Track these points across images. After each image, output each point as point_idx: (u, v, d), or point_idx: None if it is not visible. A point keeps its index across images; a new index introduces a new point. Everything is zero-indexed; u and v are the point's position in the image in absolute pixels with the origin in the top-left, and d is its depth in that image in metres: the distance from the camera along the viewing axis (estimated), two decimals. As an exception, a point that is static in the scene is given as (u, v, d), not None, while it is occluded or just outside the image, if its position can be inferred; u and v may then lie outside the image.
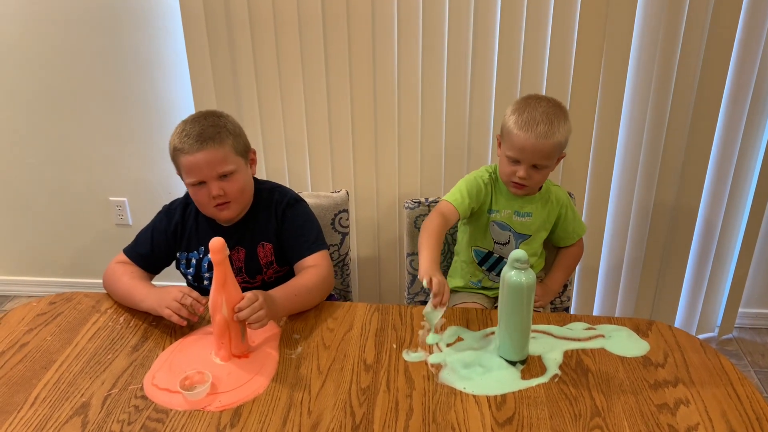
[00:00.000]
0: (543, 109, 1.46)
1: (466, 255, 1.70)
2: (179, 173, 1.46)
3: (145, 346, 1.30)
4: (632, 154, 2.11)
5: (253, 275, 1.54)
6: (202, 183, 1.42)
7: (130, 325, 1.38)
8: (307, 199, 1.63)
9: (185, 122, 1.43)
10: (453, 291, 1.76)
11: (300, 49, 2.05)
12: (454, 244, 1.78)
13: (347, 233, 1.77)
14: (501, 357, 1.23)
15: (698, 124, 2.03)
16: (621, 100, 2.02)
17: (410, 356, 1.25)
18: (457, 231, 1.74)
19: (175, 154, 1.43)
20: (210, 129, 1.40)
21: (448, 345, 1.28)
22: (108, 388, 1.18)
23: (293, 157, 2.22)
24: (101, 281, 1.51)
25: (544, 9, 1.93)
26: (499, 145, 1.55)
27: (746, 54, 1.95)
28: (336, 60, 2.06)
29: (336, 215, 1.73)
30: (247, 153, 1.49)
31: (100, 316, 1.40)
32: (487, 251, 1.66)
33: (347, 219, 1.76)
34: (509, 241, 1.62)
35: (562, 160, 1.57)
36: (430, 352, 1.26)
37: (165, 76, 2.29)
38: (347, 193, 1.77)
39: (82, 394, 1.16)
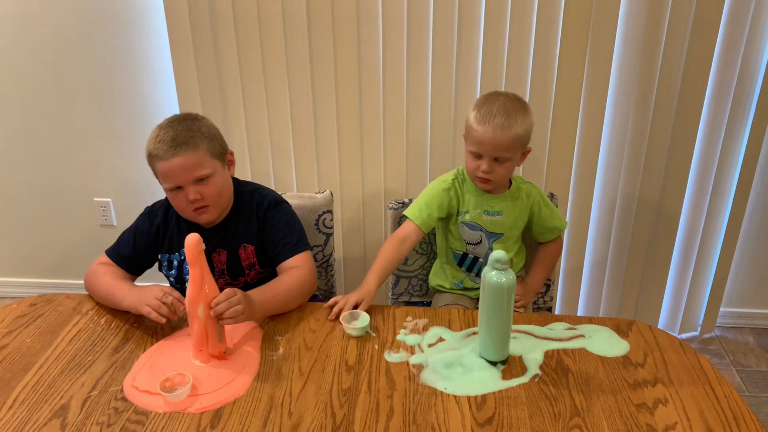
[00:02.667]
0: (501, 103, 1.48)
1: (445, 257, 1.71)
2: (157, 178, 1.45)
3: (126, 348, 1.30)
4: (615, 157, 2.13)
5: (236, 277, 1.54)
6: (179, 188, 1.41)
7: (111, 326, 1.37)
8: (290, 200, 1.63)
9: (160, 127, 1.42)
10: (438, 291, 1.76)
11: (285, 51, 2.05)
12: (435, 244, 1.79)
13: (331, 234, 1.77)
14: (482, 357, 1.23)
15: (680, 126, 2.05)
16: (605, 101, 2.04)
17: (392, 357, 1.25)
18: (436, 231, 1.75)
19: (151, 160, 1.42)
20: (184, 133, 1.39)
21: (429, 345, 1.28)
22: (88, 390, 1.17)
23: (278, 159, 2.22)
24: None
25: (528, 10, 1.94)
26: (466, 141, 1.57)
27: (728, 57, 1.97)
28: (321, 62, 2.06)
29: (320, 216, 1.73)
30: (224, 155, 1.48)
31: (81, 318, 1.40)
32: (462, 252, 1.67)
33: (331, 220, 1.76)
34: (481, 240, 1.63)
35: (528, 155, 1.58)
36: (412, 353, 1.26)
37: (150, 77, 2.28)
38: (331, 194, 1.76)
39: (62, 397, 1.15)
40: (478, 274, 1.67)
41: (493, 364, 1.22)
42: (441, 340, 1.30)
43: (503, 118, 1.46)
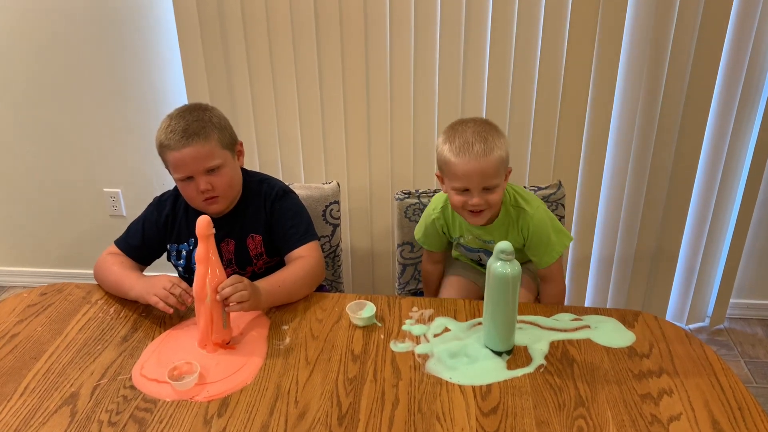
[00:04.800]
0: (472, 129, 1.38)
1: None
2: (167, 168, 1.46)
3: (135, 337, 1.31)
4: (624, 147, 2.12)
5: (243, 266, 1.55)
6: (189, 178, 1.42)
7: (120, 315, 1.38)
8: (297, 191, 1.63)
9: (170, 117, 1.43)
10: (454, 259, 1.78)
11: (293, 42, 2.05)
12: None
13: (338, 224, 1.77)
14: (487, 347, 1.24)
15: (689, 115, 2.04)
16: (613, 92, 2.03)
17: (397, 347, 1.26)
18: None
19: (162, 150, 1.42)
20: (195, 124, 1.40)
21: (435, 335, 1.29)
22: (97, 378, 1.19)
23: (286, 150, 2.23)
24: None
25: (535, 6, 1.93)
26: (441, 181, 1.47)
27: (737, 45, 1.95)
28: (328, 52, 2.06)
29: (327, 206, 1.73)
30: (233, 145, 1.49)
31: (90, 307, 1.41)
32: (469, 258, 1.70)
33: (338, 210, 1.76)
34: (480, 258, 1.65)
35: (509, 174, 1.48)
36: (417, 343, 1.27)
37: (159, 68, 2.29)
38: (338, 184, 1.77)
39: (72, 384, 1.17)
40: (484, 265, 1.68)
41: (498, 354, 1.22)
42: (446, 330, 1.31)
43: (481, 144, 1.36)
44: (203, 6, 2.03)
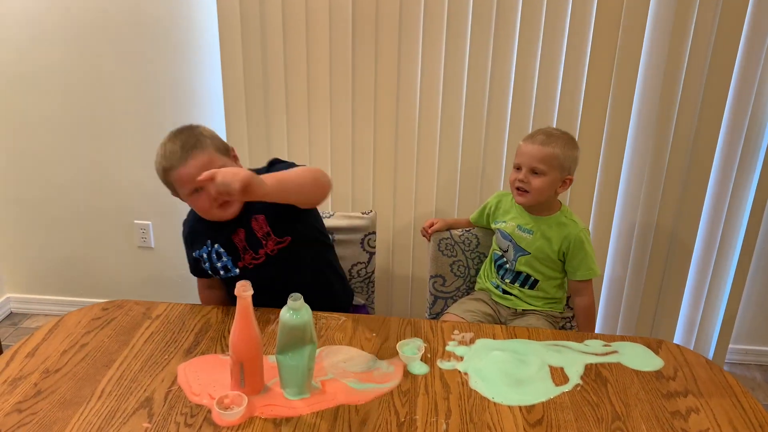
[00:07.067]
0: (548, 129, 1.73)
1: (490, 256, 1.89)
2: (175, 192, 1.55)
3: (198, 350, 1.40)
4: (631, 208, 2.30)
5: (256, 250, 1.59)
6: (198, 190, 1.48)
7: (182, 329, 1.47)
8: (340, 221, 1.76)
9: (163, 144, 1.50)
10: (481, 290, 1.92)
11: (329, 81, 2.23)
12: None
13: (374, 253, 1.88)
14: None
15: (693, 173, 2.22)
16: (626, 130, 2.20)
17: (444, 365, 1.36)
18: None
19: (166, 173, 1.49)
20: (190, 139, 1.47)
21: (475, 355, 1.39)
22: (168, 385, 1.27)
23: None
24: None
25: (556, 50, 2.12)
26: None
27: (740, 97, 2.13)
28: (361, 88, 2.24)
29: (366, 236, 1.85)
30: (228, 152, 1.56)
31: (152, 322, 1.50)
32: (499, 254, 1.84)
33: (375, 240, 1.88)
34: (508, 249, 1.80)
35: (569, 185, 1.74)
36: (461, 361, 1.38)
37: (198, 106, 2.41)
38: (375, 214, 1.89)
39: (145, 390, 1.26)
40: (503, 277, 1.83)
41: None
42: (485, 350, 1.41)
43: (544, 136, 1.70)
44: (248, 52, 2.21)
